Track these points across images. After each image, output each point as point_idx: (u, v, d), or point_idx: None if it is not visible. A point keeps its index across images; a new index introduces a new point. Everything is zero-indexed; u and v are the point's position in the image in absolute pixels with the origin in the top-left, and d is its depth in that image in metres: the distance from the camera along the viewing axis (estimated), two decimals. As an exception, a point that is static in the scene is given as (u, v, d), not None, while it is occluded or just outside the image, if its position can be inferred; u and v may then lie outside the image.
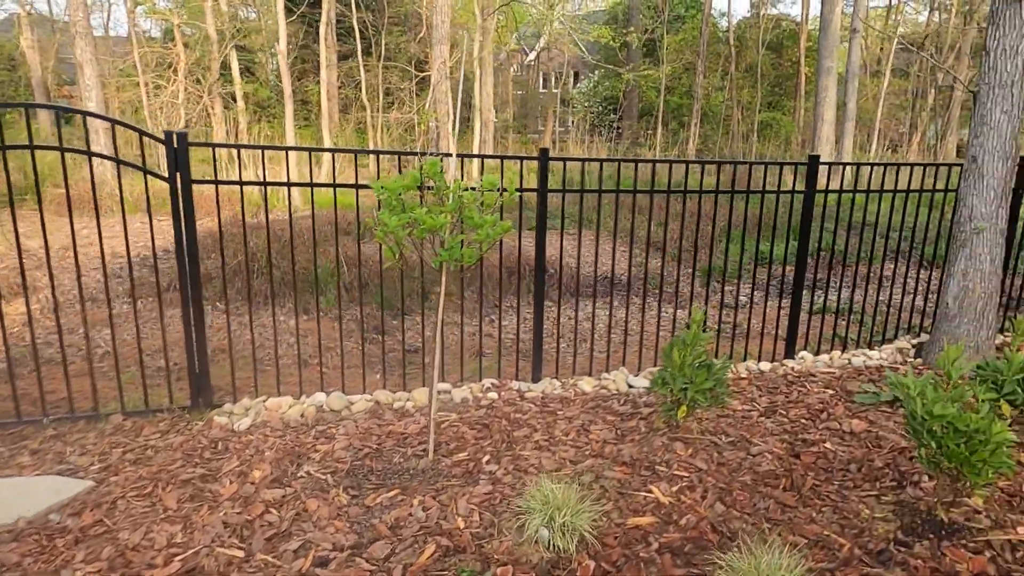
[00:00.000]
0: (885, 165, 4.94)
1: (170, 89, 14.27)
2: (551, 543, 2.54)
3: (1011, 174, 4.42)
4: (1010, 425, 3.62)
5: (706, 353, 3.39)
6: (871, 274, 8.03)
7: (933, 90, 26.12)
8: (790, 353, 5.00)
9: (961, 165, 4.67)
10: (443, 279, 3.00)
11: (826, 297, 6.47)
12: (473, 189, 3.02)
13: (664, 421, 3.56)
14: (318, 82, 18.58)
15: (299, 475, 3.10)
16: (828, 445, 3.48)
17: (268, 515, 2.79)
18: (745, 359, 4.95)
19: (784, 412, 3.94)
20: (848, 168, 15.25)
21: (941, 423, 2.61)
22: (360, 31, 24.41)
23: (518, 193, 3.50)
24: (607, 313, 5.74)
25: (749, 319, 5.43)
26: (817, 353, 5.10)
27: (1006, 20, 4.21)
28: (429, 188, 3.04)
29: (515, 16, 26.97)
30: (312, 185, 3.66)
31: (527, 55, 41.27)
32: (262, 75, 26.54)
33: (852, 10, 17.97)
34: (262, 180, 3.67)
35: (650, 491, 3.01)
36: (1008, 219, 4.51)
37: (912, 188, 4.96)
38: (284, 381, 4.26)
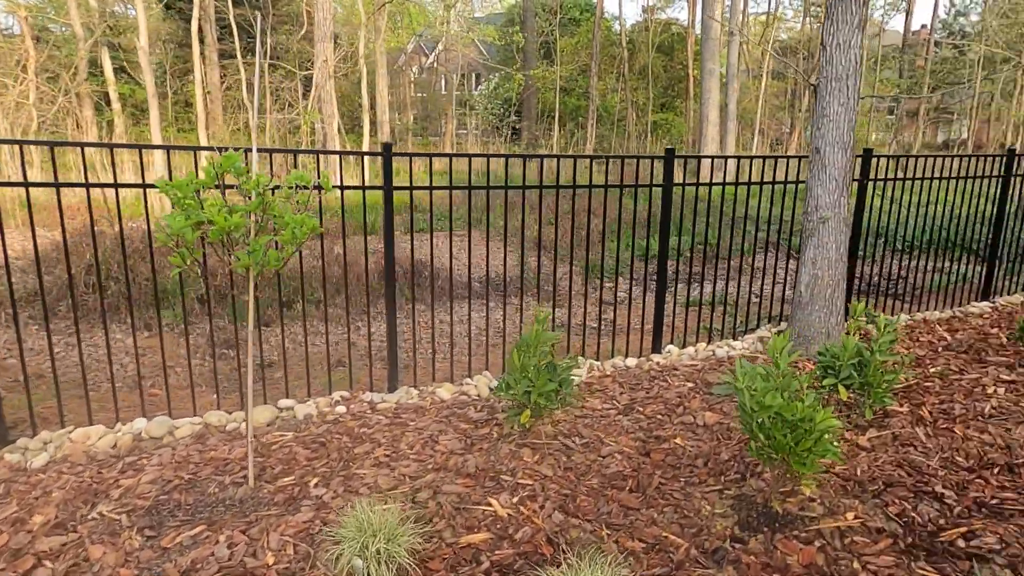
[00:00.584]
0: (738, 158, 5.02)
1: (18, 88, 12.94)
2: (366, 573, 2.29)
3: (851, 164, 4.57)
4: (848, 408, 3.71)
5: (552, 353, 3.24)
6: (744, 265, 8.29)
7: (807, 91, 27.79)
8: (657, 347, 4.99)
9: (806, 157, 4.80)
10: (251, 288, 2.69)
11: (701, 290, 6.56)
12: (304, 187, 2.73)
13: (513, 427, 3.39)
14: (193, 81, 17.48)
15: (90, 517, 2.70)
16: (679, 440, 3.42)
17: (39, 570, 2.39)
18: (613, 356, 4.89)
19: (642, 409, 3.87)
20: (731, 163, 15.91)
21: (768, 414, 2.56)
22: (246, 28, 23.25)
23: (364, 191, 3.23)
24: (484, 315, 5.55)
25: (629, 315, 5.41)
26: (683, 346, 5.12)
27: (839, 15, 4.35)
28: (234, 187, 2.72)
29: (412, 16, 26.54)
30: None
31: (428, 57, 40.86)
32: (140, 75, 24.80)
33: (731, 16, 18.75)
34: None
35: (489, 504, 2.82)
36: (851, 208, 4.66)
37: (765, 180, 5.07)
38: (105, 407, 3.80)
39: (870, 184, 5.51)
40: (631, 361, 4.76)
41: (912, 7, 30.01)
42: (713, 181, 4.93)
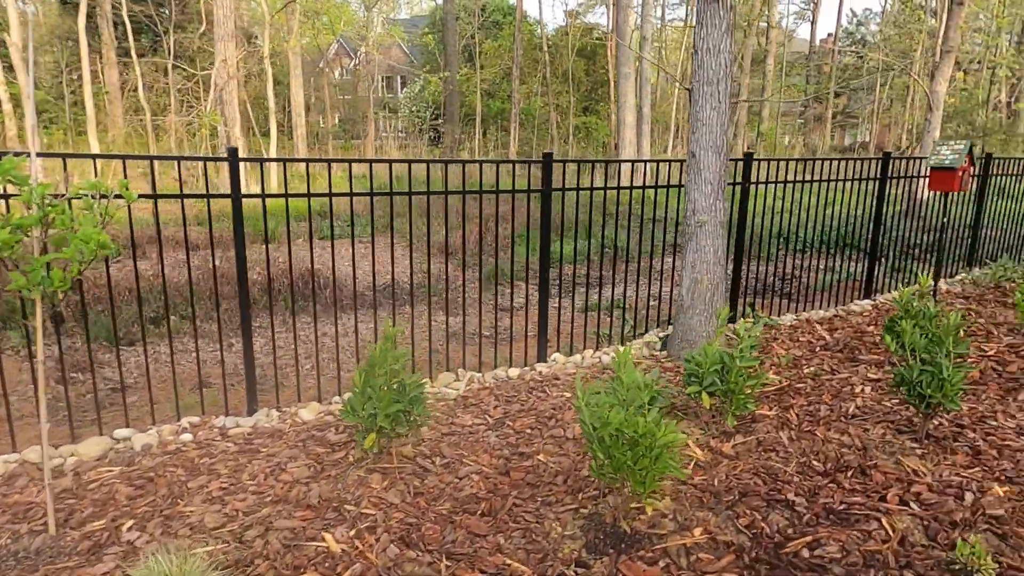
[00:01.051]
0: (619, 161, 4.97)
1: None
2: (157, 633, 2.04)
3: (725, 168, 4.59)
4: (716, 415, 3.67)
5: (403, 371, 3.05)
6: (648, 268, 8.34)
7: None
8: (542, 356, 4.87)
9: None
10: (38, 310, 2.38)
11: (600, 293, 6.53)
12: (103, 197, 2.44)
13: (364, 451, 3.18)
14: (84, 81, 16.41)
15: None
16: (542, 457, 3.29)
17: None
18: (496, 366, 4.74)
19: (512, 423, 3.73)
20: (650, 165, 16.22)
21: (609, 431, 2.45)
22: (147, 25, 22.08)
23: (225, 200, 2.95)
24: (372, 326, 5.31)
25: (525, 322, 5.25)
26: (571, 354, 5.03)
27: (708, 19, 4.35)
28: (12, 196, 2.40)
29: (331, 16, 25.90)
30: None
31: (352, 58, 40.06)
32: (36, 75, 23.17)
33: (642, 21, 19.08)
34: None
35: (324, 539, 2.60)
36: (727, 211, 4.68)
37: (648, 185, 5.04)
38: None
39: (789, 186, 5.59)
40: (514, 372, 4.62)
41: (816, 17, 31.49)
42: (608, 185, 4.86)
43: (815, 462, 3.21)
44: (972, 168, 4.89)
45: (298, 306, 7.06)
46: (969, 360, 4.83)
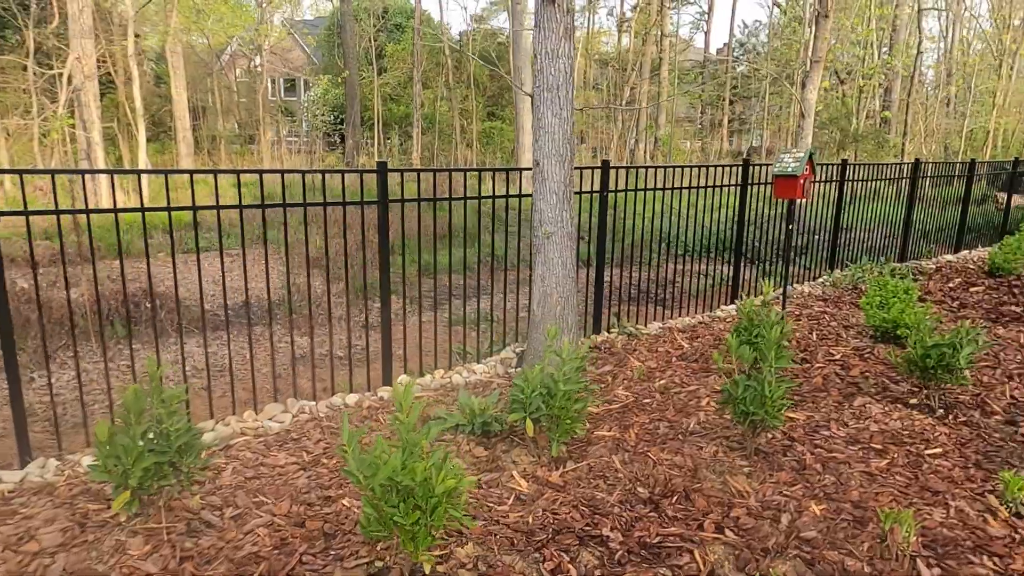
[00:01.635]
0: (464, 170, 4.73)
1: None
2: None
3: (571, 177, 4.42)
4: (534, 442, 3.45)
5: (176, 414, 2.65)
6: (527, 277, 8.18)
7: (626, 101, 29.31)
8: (387, 379, 4.55)
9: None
10: None
11: (478, 305, 6.26)
12: None
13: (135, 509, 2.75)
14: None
15: None
16: (346, 501, 2.97)
17: None
18: (333, 393, 4.38)
19: (329, 461, 3.39)
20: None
21: (381, 480, 2.16)
22: (10, 21, 20.19)
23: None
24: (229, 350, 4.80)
25: (389, 339, 4.89)
26: (421, 374, 4.73)
27: (545, 22, 4.17)
28: None
29: (223, 15, 24.61)
30: None
31: (250, 60, 38.38)
32: None
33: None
34: None
35: (47, 628, 2.17)
36: (575, 221, 4.52)
37: (497, 195, 4.82)
38: None
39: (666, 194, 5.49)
40: (352, 398, 4.27)
41: (710, 27, 32.77)
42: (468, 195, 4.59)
43: (640, 489, 3.04)
44: (813, 175, 4.96)
45: (129, 330, 6.41)
46: (816, 365, 4.89)
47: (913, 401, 4.12)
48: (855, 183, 7.94)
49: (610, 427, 3.73)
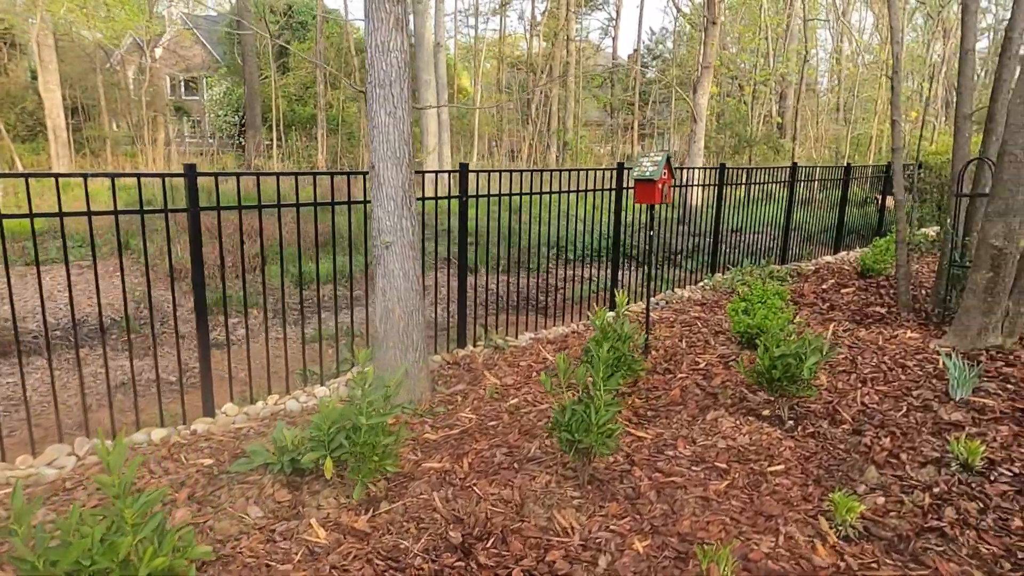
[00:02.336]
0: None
1: None
2: None
3: (410, 181, 4.06)
4: (342, 483, 3.06)
5: None
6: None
7: (542, 105, 29.32)
8: (208, 408, 4.04)
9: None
10: None
11: (352, 317, 5.76)
12: None
13: None
14: None
15: None
16: None
17: None
18: (138, 428, 3.83)
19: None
20: (448, 176, 15.76)
21: (67, 568, 1.72)
22: None
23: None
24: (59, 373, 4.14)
25: (235, 358, 4.37)
26: (252, 401, 4.25)
27: (374, 12, 3.80)
28: None
29: (108, 7, 22.95)
30: None
31: (143, 55, 36.13)
32: None
33: (436, 27, 18.72)
34: None
35: None
36: (417, 229, 4.16)
37: (321, 202, 4.40)
38: None
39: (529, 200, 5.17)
40: (160, 433, 3.75)
41: (617, 33, 33.33)
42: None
43: (453, 533, 2.71)
44: (672, 179, 4.81)
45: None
46: (679, 375, 4.74)
47: (765, 412, 4.00)
48: (734, 187, 7.98)
49: (442, 457, 3.39)
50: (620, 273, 6.78)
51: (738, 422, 3.84)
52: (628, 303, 6.89)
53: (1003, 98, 5.77)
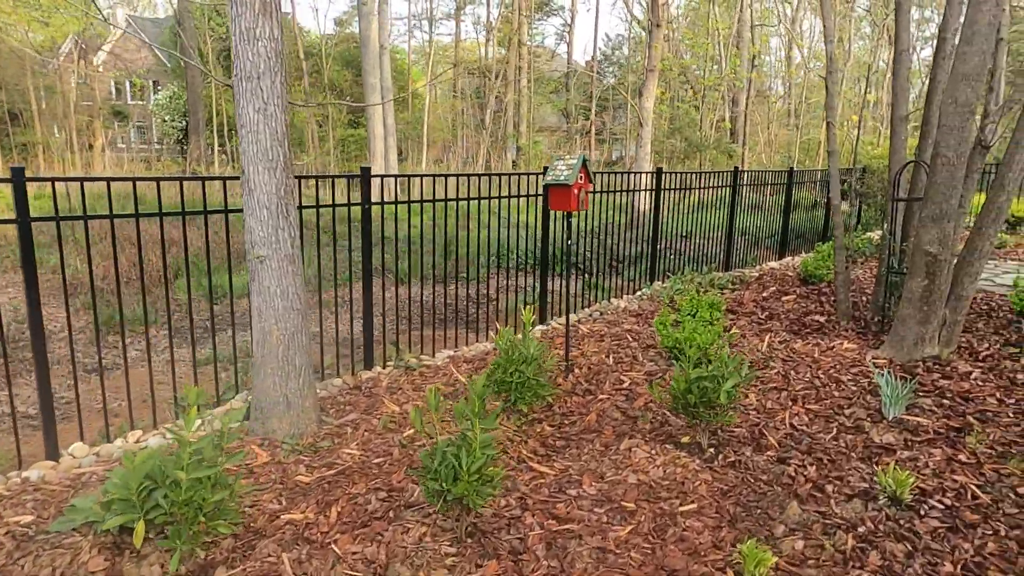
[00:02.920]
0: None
1: None
2: None
3: (287, 187, 3.60)
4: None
5: None
6: (335, 300, 7.25)
7: (489, 111, 28.98)
8: (51, 450, 3.49)
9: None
10: None
11: (235, 341, 5.22)
12: None
13: None
14: None
15: None
16: None
17: None
18: (-39, 477, 3.28)
19: None
20: (389, 183, 15.20)
21: None
22: None
23: None
24: None
25: (115, 386, 3.80)
26: (110, 439, 3.71)
27: (237, -6, 3.34)
28: None
29: (43, 7, 21.84)
30: None
31: (85, 60, 34.74)
32: None
33: (380, 29, 18.19)
34: None
35: None
36: (296, 241, 3.69)
37: (190, 211, 3.90)
38: None
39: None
40: (-16, 483, 3.20)
41: (572, 39, 33.22)
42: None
43: (292, 608, 2.26)
44: (591, 185, 4.44)
45: None
46: (599, 397, 4.36)
47: (685, 439, 3.64)
48: (675, 191, 7.70)
49: (308, 505, 2.93)
50: (552, 283, 6.40)
51: (654, 451, 3.47)
52: (557, 316, 6.51)
53: (937, 99, 5.58)
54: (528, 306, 3.94)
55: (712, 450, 3.50)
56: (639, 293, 7.33)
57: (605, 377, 4.68)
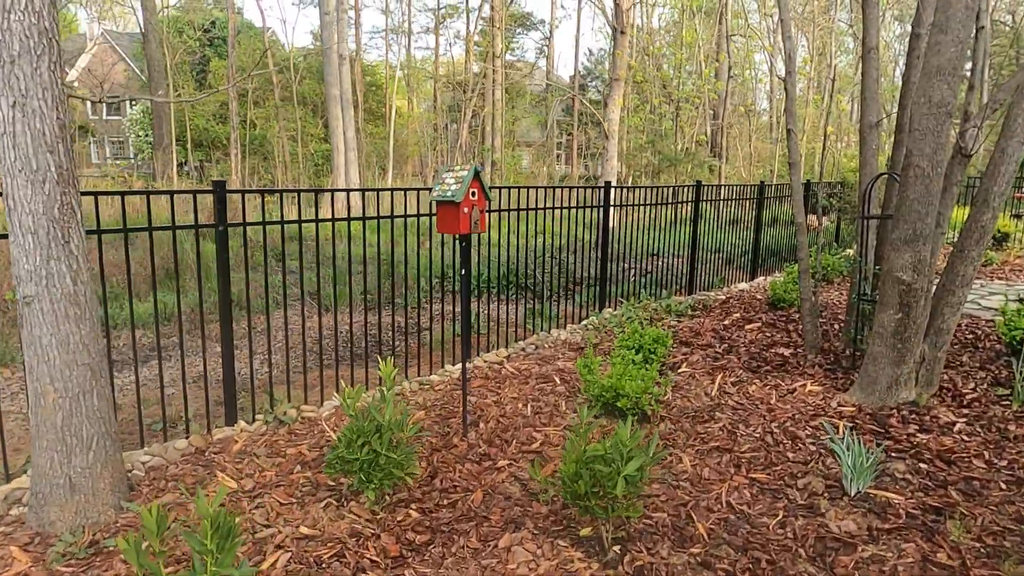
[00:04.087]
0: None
1: None
2: None
3: (60, 205, 2.76)
4: None
5: None
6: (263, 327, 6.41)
7: (464, 125, 28.31)
8: None
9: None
10: None
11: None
12: None
13: None
14: None
15: None
16: None
17: None
18: None
19: None
20: (355, 197, 14.43)
21: None
22: None
23: None
24: None
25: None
26: None
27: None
28: None
29: None
30: None
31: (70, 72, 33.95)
32: None
33: (339, 39, 17.48)
34: None
35: None
36: (81, 275, 2.85)
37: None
38: None
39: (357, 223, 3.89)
40: None
41: (551, 53, 32.76)
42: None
43: None
44: (486, 202, 3.63)
45: None
46: (498, 464, 3.52)
47: (585, 531, 2.80)
48: (623, 208, 6.92)
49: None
50: (489, 308, 5.59)
51: (541, 550, 2.63)
52: (489, 351, 5.68)
53: (910, 101, 4.84)
54: (383, 362, 3.11)
55: (617, 549, 2.66)
56: (584, 322, 6.51)
57: (514, 435, 3.85)
